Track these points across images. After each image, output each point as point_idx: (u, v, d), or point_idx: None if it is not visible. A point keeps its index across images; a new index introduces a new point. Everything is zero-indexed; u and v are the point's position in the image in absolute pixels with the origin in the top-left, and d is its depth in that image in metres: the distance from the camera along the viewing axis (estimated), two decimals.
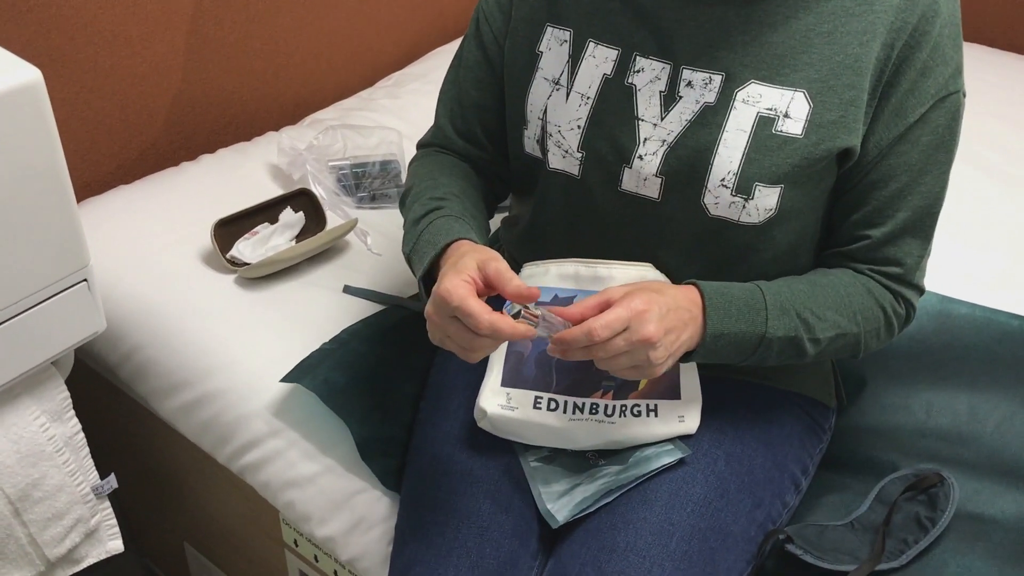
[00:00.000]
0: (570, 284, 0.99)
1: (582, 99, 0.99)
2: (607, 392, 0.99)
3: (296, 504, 1.14)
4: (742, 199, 0.94)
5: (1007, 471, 1.11)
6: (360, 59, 1.85)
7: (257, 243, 1.32)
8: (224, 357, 1.21)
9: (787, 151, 0.93)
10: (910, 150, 0.95)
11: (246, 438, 1.17)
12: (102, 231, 1.34)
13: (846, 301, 0.97)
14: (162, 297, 1.27)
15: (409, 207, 1.06)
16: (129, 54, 1.46)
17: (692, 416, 1.01)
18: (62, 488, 1.13)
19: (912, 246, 0.99)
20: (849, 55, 0.92)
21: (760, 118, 0.93)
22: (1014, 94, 1.83)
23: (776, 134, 0.93)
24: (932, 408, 1.20)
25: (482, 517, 0.97)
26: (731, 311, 0.93)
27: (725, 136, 0.94)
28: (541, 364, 0.98)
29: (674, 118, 0.96)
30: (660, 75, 0.97)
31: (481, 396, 0.99)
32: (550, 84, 1.01)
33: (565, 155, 1.01)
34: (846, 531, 1.04)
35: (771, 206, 0.95)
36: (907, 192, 0.96)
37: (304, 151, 1.47)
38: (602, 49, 0.99)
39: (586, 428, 0.99)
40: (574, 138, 1.00)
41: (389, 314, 1.26)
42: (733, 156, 0.93)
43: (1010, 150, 1.67)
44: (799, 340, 0.95)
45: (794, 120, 0.93)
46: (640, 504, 0.96)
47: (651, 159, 0.97)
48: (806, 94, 0.93)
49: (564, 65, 1.00)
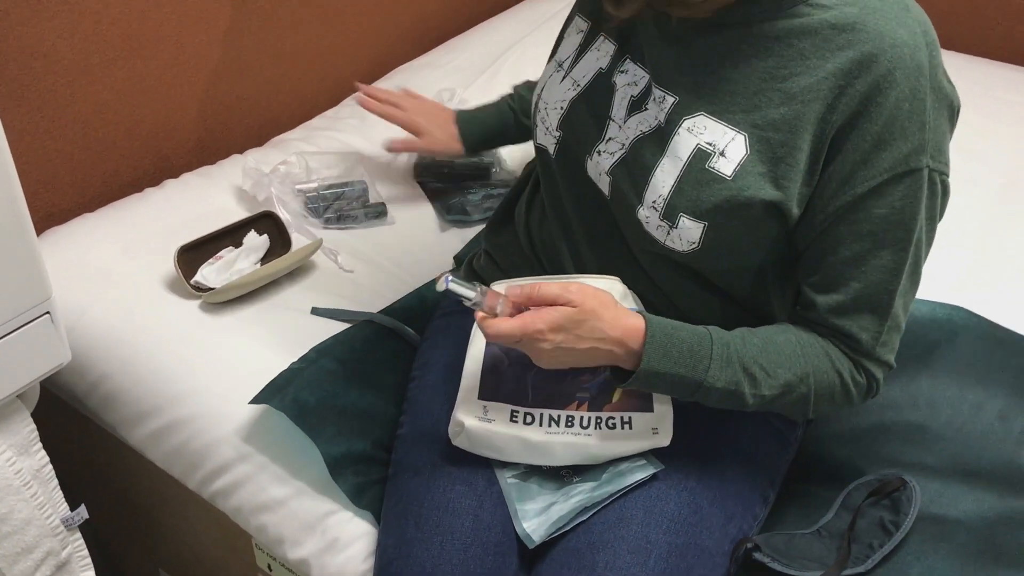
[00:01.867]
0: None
1: (573, 84, 1.04)
2: (582, 403, 1.00)
3: (268, 528, 1.14)
4: (667, 225, 0.95)
5: (968, 472, 1.13)
6: (324, 79, 1.85)
7: (222, 267, 1.32)
8: (191, 383, 1.21)
9: (713, 189, 0.93)
10: (862, 220, 0.92)
11: (215, 464, 1.17)
12: (65, 260, 1.34)
13: (800, 361, 0.95)
14: (128, 325, 1.27)
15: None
16: (89, 82, 1.46)
17: (665, 429, 1.02)
18: (31, 521, 1.12)
19: (867, 321, 0.95)
20: (791, 110, 0.91)
21: (698, 150, 0.93)
22: (969, 96, 1.85)
23: (707, 170, 0.93)
24: (895, 409, 1.21)
25: (465, 534, 0.98)
26: (671, 353, 0.93)
27: (663, 161, 0.95)
28: (518, 378, 1.00)
29: (632, 125, 0.98)
30: (638, 82, 0.99)
31: (458, 409, 1.00)
32: (555, 65, 1.07)
33: (546, 132, 1.07)
34: (813, 539, 1.05)
35: (694, 239, 0.95)
36: (860, 263, 0.93)
37: (269, 174, 1.48)
38: (607, 43, 1.03)
39: (563, 442, 0.99)
40: (555, 117, 1.05)
41: (359, 330, 1.26)
42: (666, 181, 0.94)
43: (970, 152, 1.70)
44: (740, 393, 0.95)
45: (728, 160, 0.92)
46: (617, 523, 0.97)
47: (607, 158, 1.00)
48: (746, 139, 0.92)
49: (573, 51, 1.06)
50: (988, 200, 1.59)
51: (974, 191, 1.60)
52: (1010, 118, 1.79)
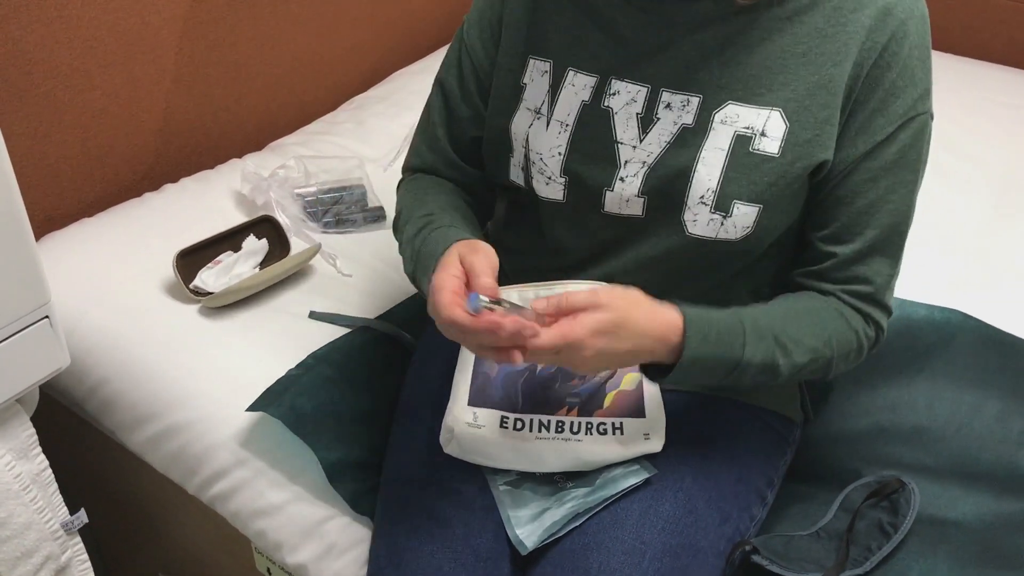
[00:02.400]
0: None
1: (561, 126, 1.01)
2: (572, 408, 1.00)
3: (267, 533, 1.14)
4: (720, 216, 0.96)
5: (967, 474, 1.13)
6: (322, 83, 1.86)
7: (220, 272, 1.33)
8: (190, 388, 1.21)
9: (764, 169, 0.95)
10: (876, 168, 0.96)
11: (214, 468, 1.17)
12: (65, 265, 1.34)
13: (821, 326, 0.98)
14: (127, 330, 1.27)
15: (401, 229, 1.08)
16: (88, 87, 1.46)
17: (657, 434, 1.01)
18: (30, 526, 1.12)
19: (881, 265, 0.99)
20: (824, 76, 0.94)
21: (737, 137, 0.95)
22: (965, 99, 1.86)
23: (753, 152, 0.95)
24: (894, 411, 1.21)
25: (456, 541, 0.98)
26: (710, 336, 0.93)
27: (704, 155, 0.95)
28: (507, 385, 0.99)
29: (653, 139, 0.98)
30: (636, 98, 0.99)
31: (448, 415, 1.00)
32: (532, 114, 1.03)
33: (549, 181, 1.03)
34: (812, 540, 1.05)
35: (748, 224, 0.96)
36: (874, 210, 0.97)
37: (268, 178, 1.48)
38: (581, 77, 1.01)
39: (553, 447, 0.99)
40: (556, 164, 1.02)
41: (356, 336, 1.26)
42: (712, 174, 0.95)
43: (966, 154, 1.70)
44: (774, 365, 0.95)
45: (771, 139, 0.95)
46: (611, 525, 0.97)
47: (632, 180, 0.99)
48: (782, 113, 0.95)
49: (545, 95, 1.02)
50: (984, 202, 1.59)
51: (970, 193, 1.61)
52: (1006, 121, 1.80)
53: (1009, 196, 1.61)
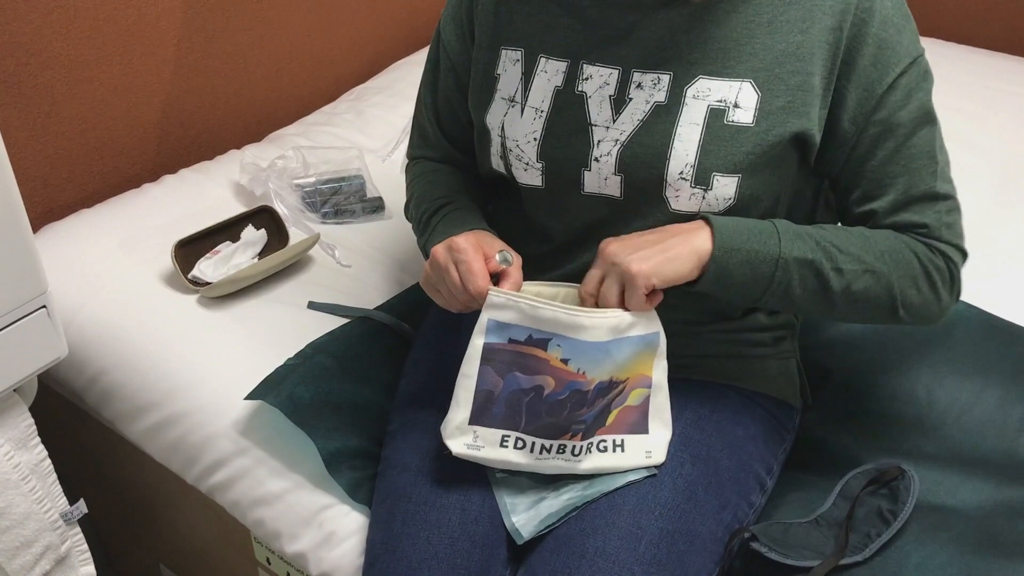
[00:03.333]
0: (547, 328, 0.95)
1: (536, 113, 1.02)
2: (575, 435, 0.98)
3: (266, 522, 1.14)
4: (702, 190, 0.96)
5: (967, 461, 1.13)
6: (321, 74, 1.85)
7: (219, 262, 1.32)
8: (189, 377, 1.21)
9: (740, 140, 0.95)
10: (888, 117, 0.96)
11: (213, 458, 1.17)
12: (64, 256, 1.34)
13: (869, 241, 0.97)
14: (125, 320, 1.27)
15: (416, 208, 1.15)
16: (87, 78, 1.46)
17: (659, 451, 1.00)
18: (29, 516, 1.12)
19: (923, 207, 0.98)
20: (791, 43, 0.95)
21: (711, 110, 0.95)
22: (968, 87, 1.85)
23: (728, 124, 0.95)
24: (894, 399, 1.21)
25: (452, 528, 0.98)
26: (741, 230, 0.94)
27: (679, 131, 0.96)
28: (511, 404, 0.96)
29: (625, 119, 0.98)
30: (608, 80, 0.99)
31: (445, 432, 0.97)
32: (506, 103, 1.04)
33: (527, 167, 1.04)
34: (811, 528, 1.05)
35: (730, 195, 0.97)
36: (898, 157, 0.97)
37: (266, 169, 1.48)
38: (552, 63, 1.01)
39: (552, 465, 0.98)
40: (532, 150, 1.02)
41: (355, 326, 1.26)
42: (689, 149, 0.96)
43: (968, 143, 1.69)
44: (819, 266, 0.94)
45: (744, 109, 0.95)
46: (608, 509, 0.96)
47: (607, 159, 0.99)
48: (752, 83, 0.95)
49: (518, 82, 1.03)
50: (985, 190, 1.59)
51: (971, 182, 1.60)
52: (1008, 108, 1.79)
53: (1010, 184, 1.60)
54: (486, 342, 0.95)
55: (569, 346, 0.94)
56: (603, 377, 0.96)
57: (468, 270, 0.95)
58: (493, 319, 0.94)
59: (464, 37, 1.10)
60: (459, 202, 1.11)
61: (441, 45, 1.13)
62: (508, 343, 0.95)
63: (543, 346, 0.95)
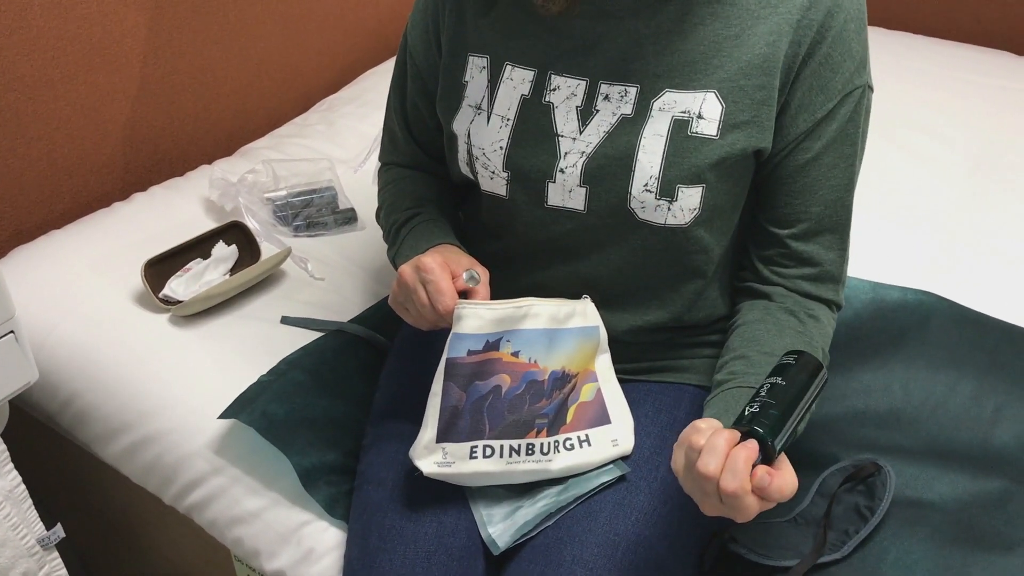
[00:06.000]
0: (500, 328, 0.97)
1: (502, 121, 1.01)
2: (541, 430, 0.98)
3: (244, 540, 1.13)
4: (666, 201, 0.96)
5: (943, 454, 1.13)
6: (291, 86, 1.85)
7: (190, 280, 1.32)
8: (163, 397, 1.20)
9: (704, 152, 0.95)
10: (816, 145, 0.96)
11: (189, 477, 1.16)
12: (34, 278, 1.33)
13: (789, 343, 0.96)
14: (97, 342, 1.26)
15: (386, 217, 1.15)
16: (52, 98, 1.45)
17: (626, 438, 1.01)
18: (5, 543, 1.11)
19: (830, 240, 1.00)
20: (757, 55, 0.94)
21: (675, 122, 0.95)
22: (937, 79, 1.87)
23: (692, 136, 0.95)
24: (870, 394, 1.21)
25: (428, 541, 0.97)
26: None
27: (643, 142, 0.95)
28: (474, 413, 0.97)
29: (592, 130, 0.98)
30: (576, 91, 0.98)
31: (415, 453, 0.97)
32: (473, 110, 1.03)
33: (492, 176, 1.03)
34: (790, 527, 1.05)
35: (695, 206, 0.97)
36: (817, 187, 0.98)
37: (236, 183, 1.47)
38: (519, 71, 1.01)
39: (524, 469, 0.98)
40: (498, 159, 1.02)
41: (329, 340, 1.26)
42: (653, 161, 0.95)
43: (938, 135, 1.71)
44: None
45: (708, 121, 0.95)
46: (585, 517, 0.96)
47: (572, 171, 0.99)
48: (717, 94, 0.95)
49: (484, 90, 1.02)
50: (956, 180, 1.60)
51: (942, 172, 1.61)
52: (976, 98, 1.80)
53: (979, 173, 1.61)
54: (448, 358, 0.95)
55: (516, 338, 0.97)
56: (555, 366, 0.98)
57: (436, 290, 0.95)
58: (457, 333, 0.95)
59: (430, 44, 1.09)
60: (427, 212, 1.11)
61: (408, 51, 1.12)
62: (467, 355, 0.95)
63: (496, 347, 0.96)
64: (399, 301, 1.00)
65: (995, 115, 1.75)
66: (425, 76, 1.10)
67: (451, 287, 0.96)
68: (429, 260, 0.96)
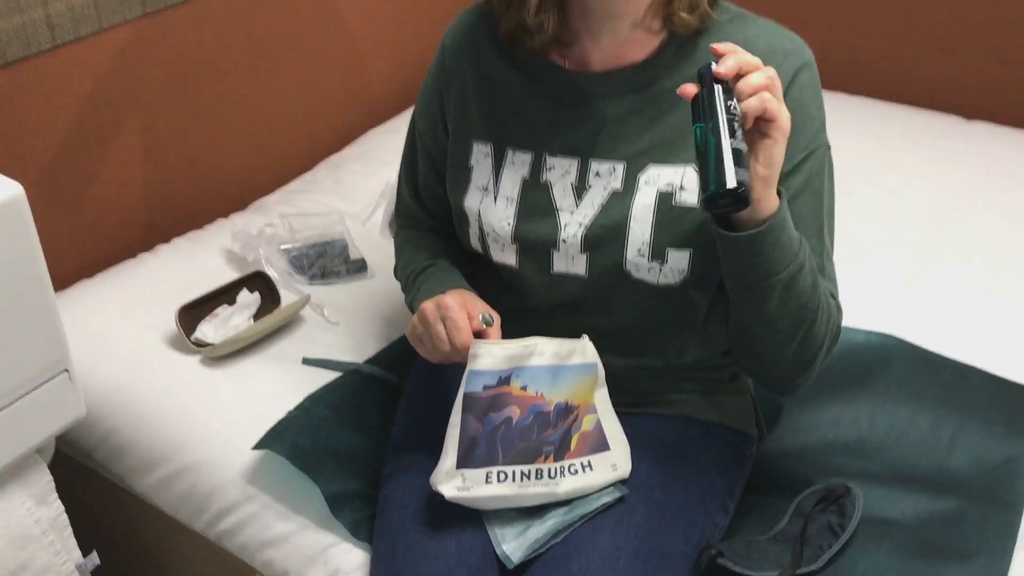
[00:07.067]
0: (511, 365, 1.07)
1: (508, 201, 1.13)
2: (548, 456, 1.09)
3: (274, 562, 1.22)
4: (658, 263, 1.08)
5: (905, 478, 1.24)
6: (298, 144, 1.95)
7: (219, 324, 1.42)
8: (196, 432, 1.29)
9: (688, 220, 1.06)
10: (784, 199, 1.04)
11: (221, 505, 1.25)
12: (72, 323, 1.40)
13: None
14: (134, 381, 1.35)
15: (403, 269, 1.26)
16: (85, 158, 1.56)
17: (623, 463, 1.11)
18: (49, 568, 1.18)
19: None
20: None
21: (660, 194, 1.07)
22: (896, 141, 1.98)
23: (676, 206, 1.06)
24: (839, 425, 1.32)
25: (449, 557, 1.06)
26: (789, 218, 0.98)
27: (634, 213, 1.07)
28: (490, 442, 1.07)
29: (587, 204, 1.10)
30: (569, 169, 1.10)
31: (437, 478, 1.06)
32: (480, 191, 1.15)
33: (503, 248, 1.15)
34: (770, 544, 1.15)
35: (683, 267, 1.08)
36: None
37: (256, 236, 1.58)
38: (520, 155, 1.13)
39: (534, 492, 1.08)
40: (507, 233, 1.13)
41: (347, 379, 1.35)
42: (644, 229, 1.07)
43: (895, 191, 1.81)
44: (813, 270, 1.00)
45: (689, 191, 1.06)
46: (589, 533, 1.06)
47: (573, 240, 1.10)
48: (695, 167, 1.05)
49: (489, 174, 1.14)
50: (912, 235, 1.71)
51: (900, 226, 1.73)
52: (930, 159, 1.91)
53: (933, 228, 1.72)
54: (466, 392, 1.06)
55: (524, 374, 1.07)
56: (559, 399, 1.08)
57: (454, 326, 1.05)
58: (473, 370, 1.06)
59: (437, 129, 1.20)
60: (441, 264, 1.22)
61: (417, 133, 1.24)
62: (483, 390, 1.06)
63: (507, 382, 1.07)
64: (417, 334, 1.10)
65: (946, 173, 1.86)
66: (434, 155, 1.22)
67: (467, 324, 1.06)
68: (449, 299, 1.07)
